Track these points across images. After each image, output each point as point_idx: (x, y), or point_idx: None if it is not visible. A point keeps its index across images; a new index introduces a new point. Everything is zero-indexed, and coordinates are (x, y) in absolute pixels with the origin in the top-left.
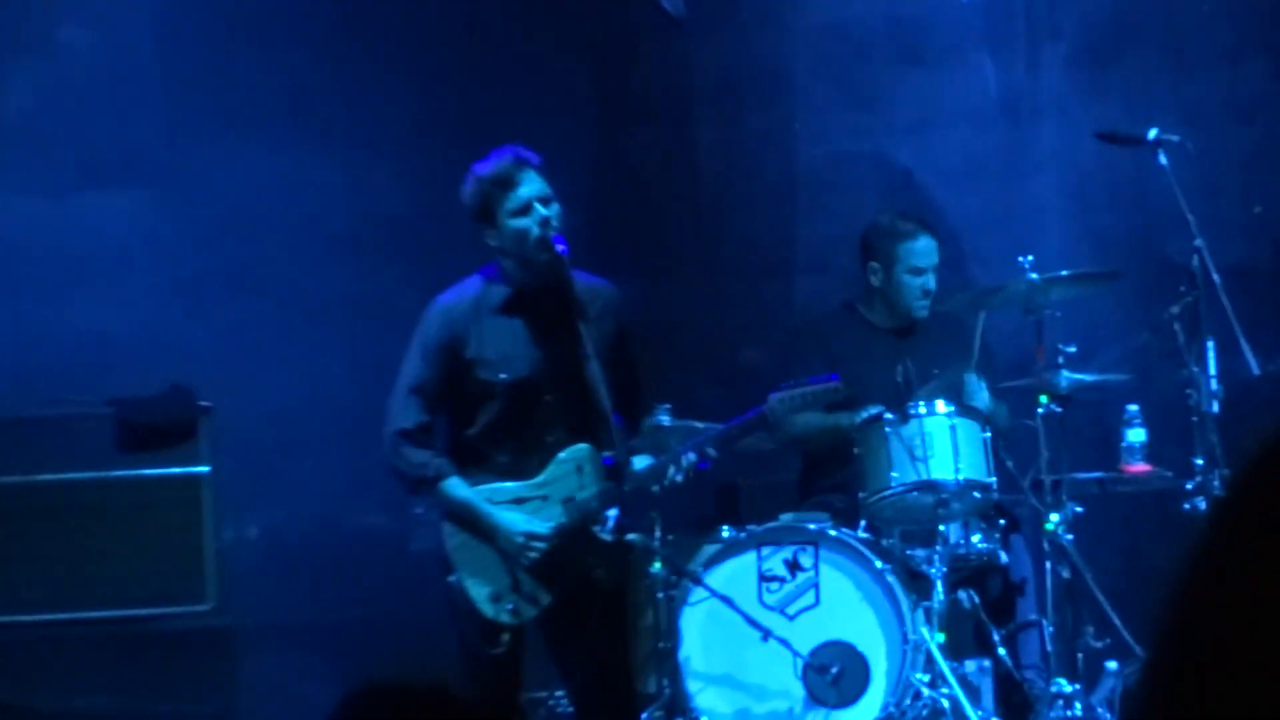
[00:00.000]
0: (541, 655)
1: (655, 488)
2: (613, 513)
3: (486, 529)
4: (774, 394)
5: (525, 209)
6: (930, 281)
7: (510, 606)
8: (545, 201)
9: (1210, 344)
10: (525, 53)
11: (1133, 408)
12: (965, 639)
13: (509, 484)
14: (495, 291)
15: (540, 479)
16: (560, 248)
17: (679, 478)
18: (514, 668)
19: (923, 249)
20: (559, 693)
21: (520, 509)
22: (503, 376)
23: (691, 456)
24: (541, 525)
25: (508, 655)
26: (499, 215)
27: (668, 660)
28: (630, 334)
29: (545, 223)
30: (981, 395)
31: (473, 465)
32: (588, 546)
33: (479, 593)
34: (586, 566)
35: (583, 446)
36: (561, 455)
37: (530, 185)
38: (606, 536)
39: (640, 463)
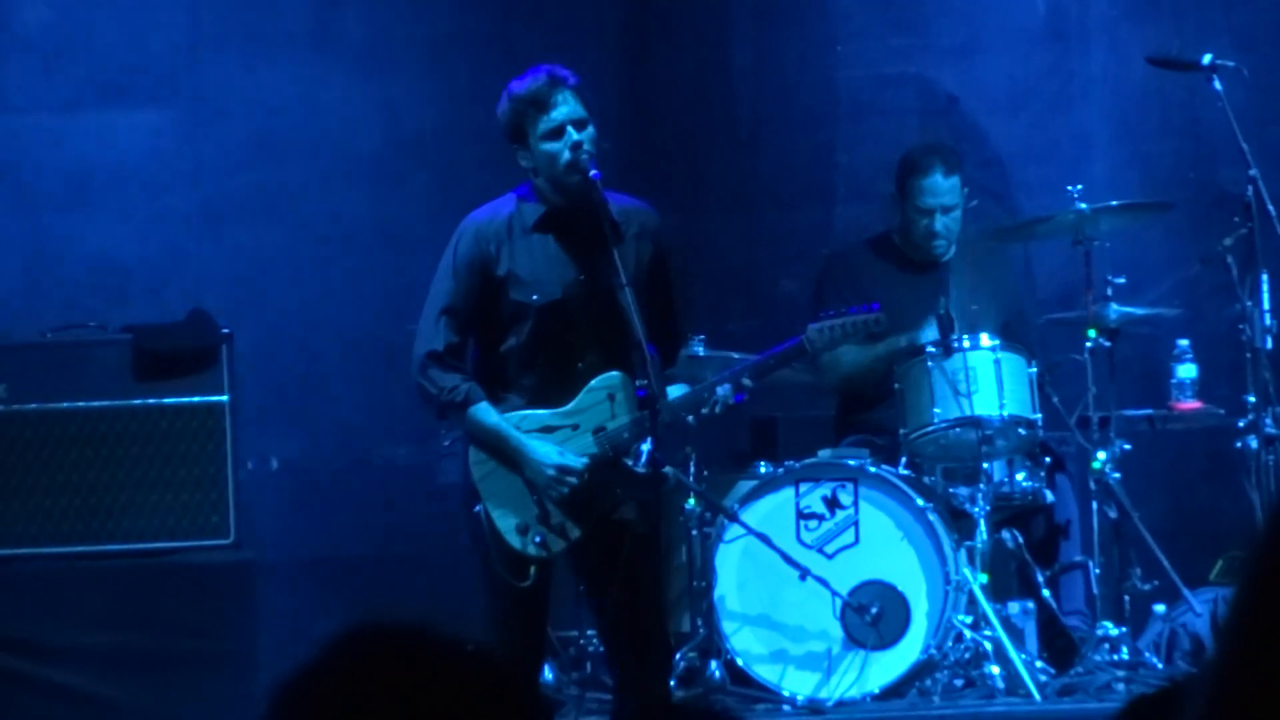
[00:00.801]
0: (570, 594)
1: (690, 418)
2: (645, 446)
3: (515, 458)
4: (813, 324)
5: (558, 132)
6: (939, 223)
7: (538, 539)
8: (579, 125)
9: (1264, 277)
10: None
11: (1183, 343)
12: (1009, 580)
13: (538, 411)
14: (529, 211)
15: (570, 407)
16: (593, 173)
17: (717, 410)
18: (541, 602)
19: (931, 187)
20: (590, 631)
21: (549, 438)
22: (535, 298)
23: (726, 388)
24: (574, 459)
25: (535, 590)
26: (531, 137)
27: (702, 599)
28: (669, 259)
29: (578, 146)
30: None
31: (501, 389)
32: (619, 480)
33: (506, 524)
34: (617, 500)
35: (615, 374)
36: (593, 383)
37: (564, 107)
38: (639, 470)
39: (675, 391)
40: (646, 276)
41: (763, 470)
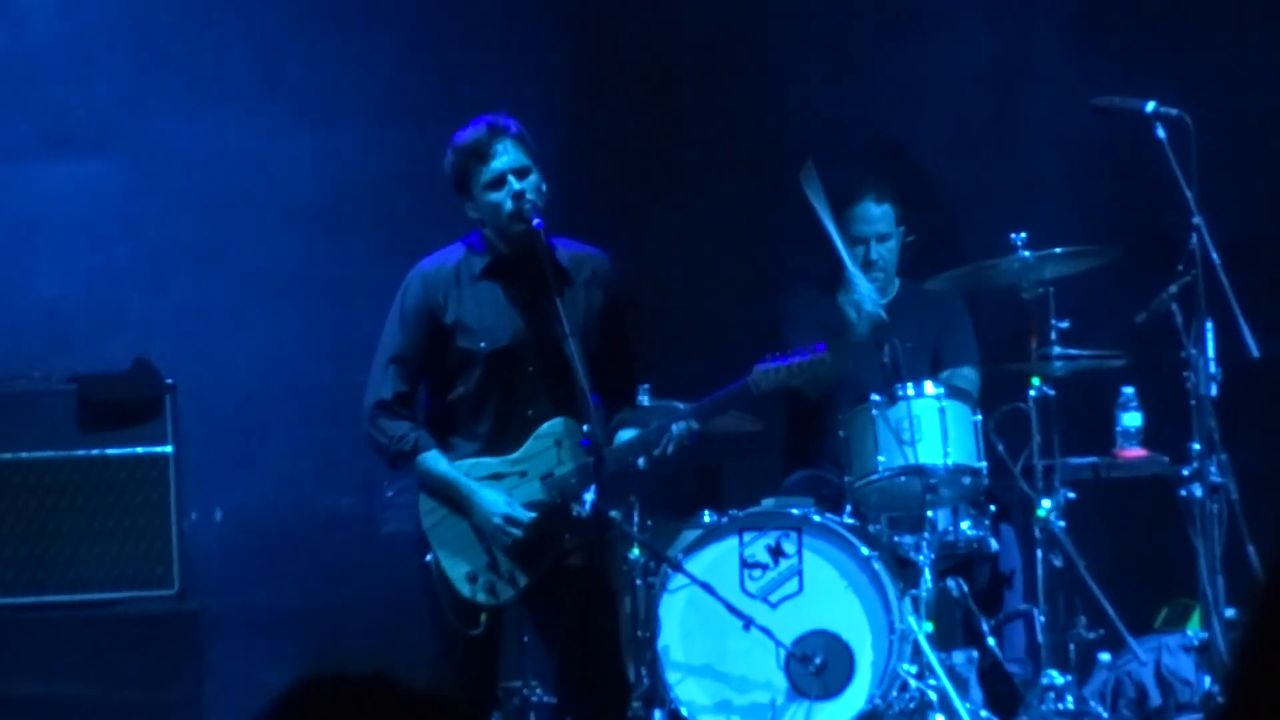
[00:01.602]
0: (515, 643)
1: (641, 461)
2: (589, 495)
3: (464, 505)
4: (759, 365)
5: (499, 182)
6: (874, 252)
7: (488, 587)
8: (521, 174)
9: (1209, 325)
10: (502, 15)
11: (1128, 390)
12: (953, 629)
13: (487, 459)
14: (476, 260)
15: (518, 454)
16: (535, 221)
17: (670, 449)
18: (492, 651)
19: (863, 215)
20: (534, 681)
21: (498, 485)
22: (483, 345)
23: (681, 426)
24: (521, 510)
25: (485, 638)
26: (475, 187)
27: (646, 649)
28: (622, 305)
29: (519, 196)
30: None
31: (451, 437)
32: (566, 526)
33: (456, 572)
34: (565, 547)
35: (561, 420)
36: (541, 430)
37: (504, 157)
38: (583, 513)
39: (626, 435)
40: (597, 322)
41: (707, 519)
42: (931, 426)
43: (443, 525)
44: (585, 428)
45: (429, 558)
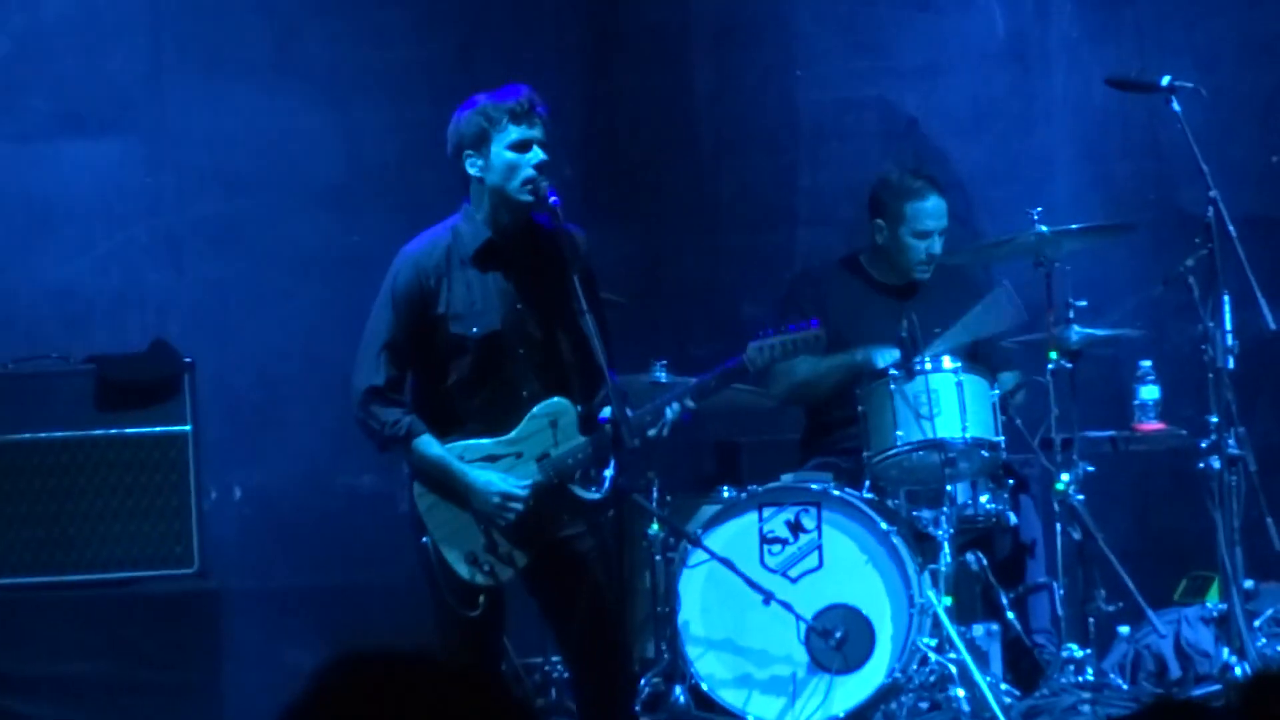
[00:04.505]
0: (534, 620)
1: (636, 441)
2: (608, 472)
3: (460, 489)
4: (752, 342)
5: (526, 145)
6: (935, 246)
7: (486, 568)
8: (545, 149)
9: (1226, 298)
10: None
11: (1146, 364)
12: (973, 602)
13: (481, 441)
14: (466, 242)
15: (513, 435)
16: (553, 199)
17: (664, 433)
18: (495, 630)
19: (930, 210)
20: (555, 657)
21: (493, 466)
22: (475, 330)
23: (675, 408)
24: (517, 486)
25: (487, 617)
26: (495, 144)
27: (666, 624)
28: (596, 283)
29: (542, 167)
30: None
31: (443, 422)
32: (565, 506)
33: (453, 554)
34: (563, 526)
35: (557, 401)
36: (535, 410)
37: (539, 129)
38: (596, 496)
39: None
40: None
41: (726, 494)
42: (949, 400)
43: (438, 508)
44: (596, 406)
45: (425, 540)
